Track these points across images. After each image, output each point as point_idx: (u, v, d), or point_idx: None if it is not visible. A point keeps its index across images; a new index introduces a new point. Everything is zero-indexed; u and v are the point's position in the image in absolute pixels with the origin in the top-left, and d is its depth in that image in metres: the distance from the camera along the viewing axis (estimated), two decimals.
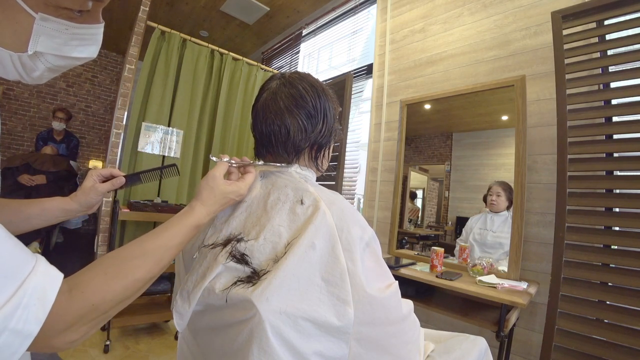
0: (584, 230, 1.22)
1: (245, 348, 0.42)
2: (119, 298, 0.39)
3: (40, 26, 0.36)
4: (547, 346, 1.17)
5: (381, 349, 0.48)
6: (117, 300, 0.39)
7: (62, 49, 0.39)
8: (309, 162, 0.63)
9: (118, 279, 0.39)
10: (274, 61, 3.83)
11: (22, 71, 0.38)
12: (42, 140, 3.34)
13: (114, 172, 0.66)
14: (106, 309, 0.38)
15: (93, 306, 0.36)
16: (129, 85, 2.24)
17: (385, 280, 0.52)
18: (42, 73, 0.40)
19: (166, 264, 0.46)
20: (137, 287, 0.42)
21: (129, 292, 0.40)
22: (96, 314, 0.37)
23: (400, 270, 1.48)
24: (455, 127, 1.83)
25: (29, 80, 0.40)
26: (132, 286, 0.41)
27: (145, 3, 2.26)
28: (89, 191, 0.63)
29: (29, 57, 0.37)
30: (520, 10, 1.62)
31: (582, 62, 1.28)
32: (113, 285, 0.39)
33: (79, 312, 0.35)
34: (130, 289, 0.41)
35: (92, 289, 0.37)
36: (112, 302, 0.39)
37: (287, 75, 0.62)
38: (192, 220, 0.50)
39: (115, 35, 4.05)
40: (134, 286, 0.41)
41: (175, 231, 0.48)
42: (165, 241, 0.46)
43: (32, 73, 0.39)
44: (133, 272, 0.41)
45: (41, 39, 0.36)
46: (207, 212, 0.52)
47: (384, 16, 2.34)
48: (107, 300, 0.38)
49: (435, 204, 1.90)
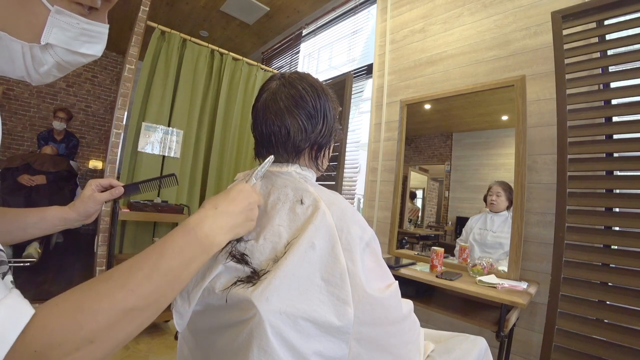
0: (584, 230, 1.22)
1: (245, 348, 0.42)
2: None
3: (55, 18, 0.37)
4: (547, 346, 1.17)
5: (381, 349, 0.48)
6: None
7: (72, 43, 0.40)
8: (309, 162, 0.63)
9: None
10: (274, 61, 3.83)
11: (31, 65, 0.39)
12: (43, 139, 3.34)
13: (112, 182, 0.66)
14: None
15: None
16: (129, 85, 2.24)
17: (385, 280, 0.52)
18: (49, 68, 0.40)
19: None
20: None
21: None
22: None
23: (400, 270, 1.48)
24: (455, 127, 1.83)
25: (35, 76, 0.40)
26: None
27: (145, 3, 2.26)
28: (87, 200, 0.64)
29: (39, 49, 0.38)
30: (520, 10, 1.62)
31: (582, 62, 1.28)
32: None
33: None
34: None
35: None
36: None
37: (287, 75, 0.62)
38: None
39: (115, 35, 4.05)
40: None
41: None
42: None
43: (40, 68, 0.39)
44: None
45: (54, 31, 0.37)
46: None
47: (384, 16, 2.34)
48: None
49: (435, 204, 1.90)
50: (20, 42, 0.36)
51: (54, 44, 0.38)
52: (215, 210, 0.42)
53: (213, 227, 0.41)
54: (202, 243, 0.39)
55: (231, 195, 0.46)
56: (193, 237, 0.39)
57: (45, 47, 0.38)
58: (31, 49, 0.37)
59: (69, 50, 0.40)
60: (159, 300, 0.35)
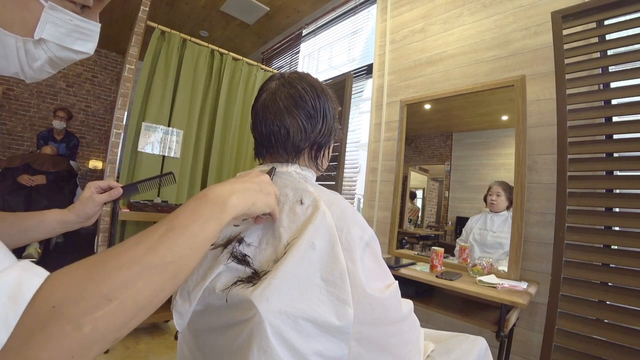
0: (584, 230, 1.22)
1: (245, 348, 0.42)
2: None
3: (48, 14, 0.38)
4: (547, 346, 1.17)
5: (381, 349, 0.48)
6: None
7: (65, 39, 0.41)
8: (308, 162, 0.63)
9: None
10: (274, 61, 3.84)
11: (24, 60, 0.39)
12: (43, 139, 3.34)
13: (111, 184, 0.67)
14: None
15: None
16: (129, 85, 2.24)
17: (385, 280, 0.52)
18: (42, 64, 0.41)
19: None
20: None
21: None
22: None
23: (400, 270, 1.48)
24: (455, 127, 1.83)
25: (29, 72, 0.41)
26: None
27: (145, 3, 2.26)
28: (86, 202, 0.64)
29: (33, 44, 0.39)
30: (520, 10, 1.62)
31: (582, 62, 1.28)
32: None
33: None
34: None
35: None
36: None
37: (287, 75, 0.62)
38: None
39: (115, 35, 4.05)
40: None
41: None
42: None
43: (34, 63, 0.40)
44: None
45: (47, 26, 0.38)
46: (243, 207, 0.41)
47: (384, 16, 2.34)
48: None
49: (435, 204, 1.90)
50: (15, 36, 0.37)
51: (47, 39, 0.39)
52: (224, 183, 0.42)
53: (224, 190, 0.40)
54: (216, 202, 0.38)
55: (239, 174, 0.46)
56: (204, 200, 0.38)
57: (39, 43, 0.39)
58: (25, 44, 0.38)
59: (62, 46, 0.41)
60: (178, 262, 0.33)
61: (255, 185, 0.44)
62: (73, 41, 0.42)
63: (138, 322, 0.31)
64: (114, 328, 0.28)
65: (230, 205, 0.38)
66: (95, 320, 0.27)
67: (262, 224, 0.52)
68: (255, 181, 0.45)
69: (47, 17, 0.38)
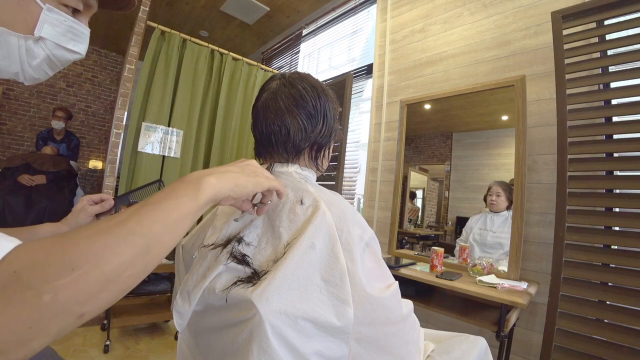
0: (584, 230, 1.22)
1: (245, 348, 0.42)
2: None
3: (46, 15, 0.43)
4: (547, 346, 1.17)
5: (381, 349, 0.48)
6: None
7: (60, 38, 0.46)
8: (309, 162, 0.63)
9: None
10: (274, 61, 3.83)
11: (25, 58, 0.43)
12: (42, 139, 3.33)
13: (103, 197, 0.70)
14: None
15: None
16: (129, 85, 2.24)
17: (385, 281, 0.52)
18: (40, 62, 0.45)
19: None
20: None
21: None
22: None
23: (400, 270, 1.48)
24: (455, 127, 1.83)
25: (28, 70, 0.45)
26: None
27: (145, 3, 2.26)
28: (78, 213, 0.67)
29: (33, 42, 0.43)
30: (520, 10, 1.62)
31: (582, 62, 1.28)
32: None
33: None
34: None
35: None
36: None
37: (288, 75, 0.62)
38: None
39: (115, 35, 4.05)
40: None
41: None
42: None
43: (33, 61, 0.44)
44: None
45: (45, 26, 0.43)
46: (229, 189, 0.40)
47: (384, 16, 2.34)
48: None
49: (435, 204, 1.90)
50: (17, 35, 0.42)
51: (45, 37, 0.44)
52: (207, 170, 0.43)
53: (203, 172, 0.40)
54: (191, 182, 0.37)
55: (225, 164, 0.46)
56: (181, 181, 0.38)
57: (38, 41, 0.44)
58: (25, 41, 0.43)
59: (58, 44, 0.46)
60: (148, 236, 0.32)
61: (237, 167, 0.44)
62: (67, 41, 0.47)
63: (110, 299, 0.30)
64: (78, 299, 0.27)
65: (207, 183, 0.38)
66: (56, 289, 0.26)
67: (262, 223, 0.52)
68: (238, 165, 0.45)
69: (45, 18, 0.43)
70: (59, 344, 1.82)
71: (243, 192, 0.42)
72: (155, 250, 0.32)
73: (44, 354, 0.67)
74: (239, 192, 0.42)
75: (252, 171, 0.44)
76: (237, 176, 0.42)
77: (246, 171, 0.44)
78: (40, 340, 0.26)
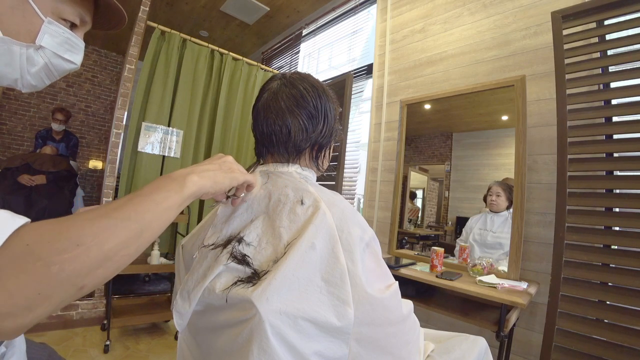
0: (584, 230, 1.22)
1: (245, 348, 0.42)
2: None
3: (47, 27, 0.48)
4: (547, 346, 1.17)
5: (381, 349, 0.48)
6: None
7: (58, 48, 0.50)
8: (309, 162, 0.63)
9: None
10: (274, 61, 3.83)
11: (25, 66, 0.47)
12: (42, 138, 3.33)
13: None
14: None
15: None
16: (129, 85, 2.24)
17: (385, 281, 0.52)
18: (39, 70, 0.49)
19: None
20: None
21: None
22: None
23: (400, 270, 1.48)
24: (455, 127, 1.83)
25: (26, 77, 0.49)
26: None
27: (145, 3, 2.26)
28: None
29: (33, 50, 0.47)
30: (520, 10, 1.62)
31: (582, 62, 1.28)
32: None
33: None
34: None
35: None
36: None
37: (288, 75, 0.62)
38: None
39: (115, 35, 4.05)
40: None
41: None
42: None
43: (32, 68, 0.48)
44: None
45: (45, 36, 0.48)
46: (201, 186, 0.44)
47: (384, 16, 2.34)
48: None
49: (435, 204, 1.90)
50: (20, 44, 0.46)
51: (45, 47, 0.48)
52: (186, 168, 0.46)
53: (185, 170, 0.44)
54: (176, 179, 0.42)
55: (205, 160, 0.50)
56: (166, 177, 0.42)
57: (38, 49, 0.48)
58: (27, 50, 0.47)
59: (56, 53, 0.50)
60: (141, 221, 0.36)
61: (215, 165, 0.48)
62: (64, 51, 0.51)
63: (106, 274, 0.34)
64: (80, 272, 0.31)
65: (190, 181, 0.42)
66: (63, 261, 0.30)
67: (262, 223, 0.52)
68: (216, 162, 0.49)
69: (45, 29, 0.47)
70: (59, 343, 1.83)
71: (221, 188, 0.47)
72: (147, 234, 0.37)
73: (43, 353, 0.67)
74: (218, 188, 0.46)
75: (228, 167, 0.49)
76: (216, 174, 0.46)
77: (224, 168, 0.48)
78: (46, 308, 0.30)
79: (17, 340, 0.54)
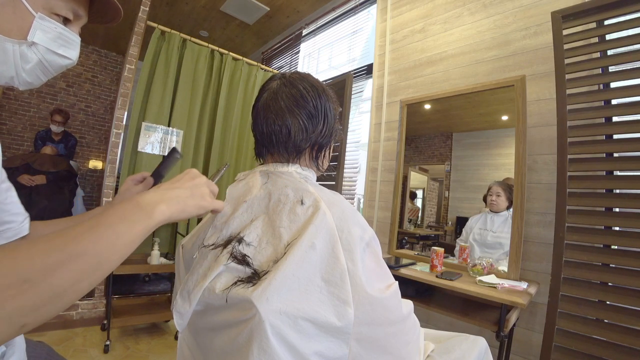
0: (584, 230, 1.22)
1: (245, 348, 0.42)
2: None
3: (38, 22, 0.47)
4: (547, 346, 1.17)
5: (381, 349, 0.48)
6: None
7: (51, 43, 0.49)
8: (309, 162, 0.63)
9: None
10: (274, 61, 3.83)
11: (19, 63, 0.47)
12: (41, 139, 3.34)
13: (144, 175, 0.69)
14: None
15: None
16: (129, 85, 2.24)
17: (385, 281, 0.52)
18: (33, 66, 0.49)
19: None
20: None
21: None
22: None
23: (400, 270, 1.48)
24: (455, 127, 1.83)
25: (22, 75, 0.48)
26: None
27: (145, 3, 2.26)
28: (124, 193, 0.67)
29: (26, 47, 0.47)
30: (520, 10, 1.62)
31: (582, 62, 1.28)
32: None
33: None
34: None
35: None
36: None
37: (288, 75, 0.62)
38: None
39: (115, 35, 4.05)
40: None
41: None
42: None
43: (26, 65, 0.48)
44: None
45: (37, 32, 0.47)
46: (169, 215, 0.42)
47: (384, 16, 2.34)
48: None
49: (435, 204, 1.90)
50: (12, 41, 0.45)
51: (37, 43, 0.47)
52: (157, 189, 0.44)
53: (155, 197, 0.41)
54: (144, 208, 0.39)
55: (176, 178, 0.47)
56: (134, 204, 0.39)
57: (30, 46, 0.47)
58: (20, 47, 0.46)
59: (49, 49, 0.49)
60: (99, 255, 0.33)
61: (187, 190, 0.45)
62: (58, 46, 0.50)
63: (53, 311, 0.31)
64: (22, 311, 0.28)
65: (158, 211, 0.40)
66: (5, 299, 0.27)
67: (262, 223, 0.52)
68: (187, 186, 0.46)
69: (37, 25, 0.47)
70: (59, 344, 1.83)
71: (187, 217, 0.45)
72: (104, 268, 0.34)
73: (42, 352, 0.67)
74: (184, 217, 0.44)
75: (200, 194, 0.46)
76: (186, 202, 0.44)
77: (195, 193, 0.46)
78: None
79: (17, 339, 0.55)
